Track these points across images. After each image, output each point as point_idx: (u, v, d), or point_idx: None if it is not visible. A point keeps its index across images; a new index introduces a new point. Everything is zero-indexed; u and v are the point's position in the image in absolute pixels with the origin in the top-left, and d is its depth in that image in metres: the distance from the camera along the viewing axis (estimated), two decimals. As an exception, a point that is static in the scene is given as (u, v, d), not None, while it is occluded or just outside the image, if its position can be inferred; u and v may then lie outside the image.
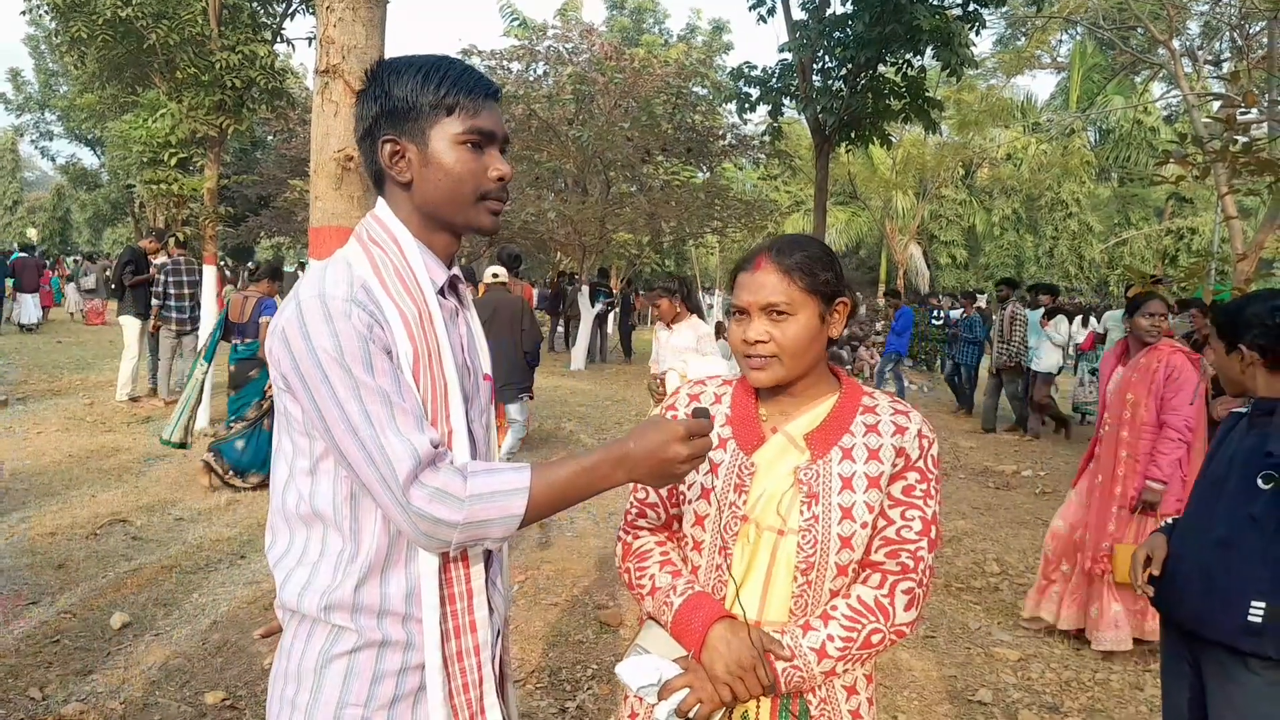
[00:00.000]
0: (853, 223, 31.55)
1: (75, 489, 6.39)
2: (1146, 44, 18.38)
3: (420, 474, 1.24)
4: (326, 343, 1.25)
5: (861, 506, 1.52)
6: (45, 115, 36.70)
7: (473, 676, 1.41)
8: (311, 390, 1.27)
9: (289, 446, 1.39)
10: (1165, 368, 4.35)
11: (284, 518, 1.41)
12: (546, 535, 5.97)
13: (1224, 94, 8.35)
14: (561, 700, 3.70)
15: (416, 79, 1.38)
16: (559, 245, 18.73)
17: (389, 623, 1.36)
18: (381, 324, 1.30)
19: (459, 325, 1.51)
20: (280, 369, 1.31)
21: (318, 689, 1.36)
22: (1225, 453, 2.35)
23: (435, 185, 1.40)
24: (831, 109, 11.24)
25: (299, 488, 1.38)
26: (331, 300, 1.28)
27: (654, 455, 1.29)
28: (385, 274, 1.37)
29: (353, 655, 1.35)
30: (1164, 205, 31.22)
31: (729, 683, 1.46)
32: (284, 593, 1.39)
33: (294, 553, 1.40)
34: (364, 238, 1.43)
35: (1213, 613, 2.18)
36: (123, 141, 10.00)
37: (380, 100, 1.40)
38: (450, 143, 1.38)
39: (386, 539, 1.35)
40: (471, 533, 1.27)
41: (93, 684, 3.64)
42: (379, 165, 1.43)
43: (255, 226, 24.20)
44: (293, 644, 1.40)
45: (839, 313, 1.60)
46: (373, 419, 1.24)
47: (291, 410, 1.35)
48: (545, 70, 17.02)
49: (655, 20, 32.03)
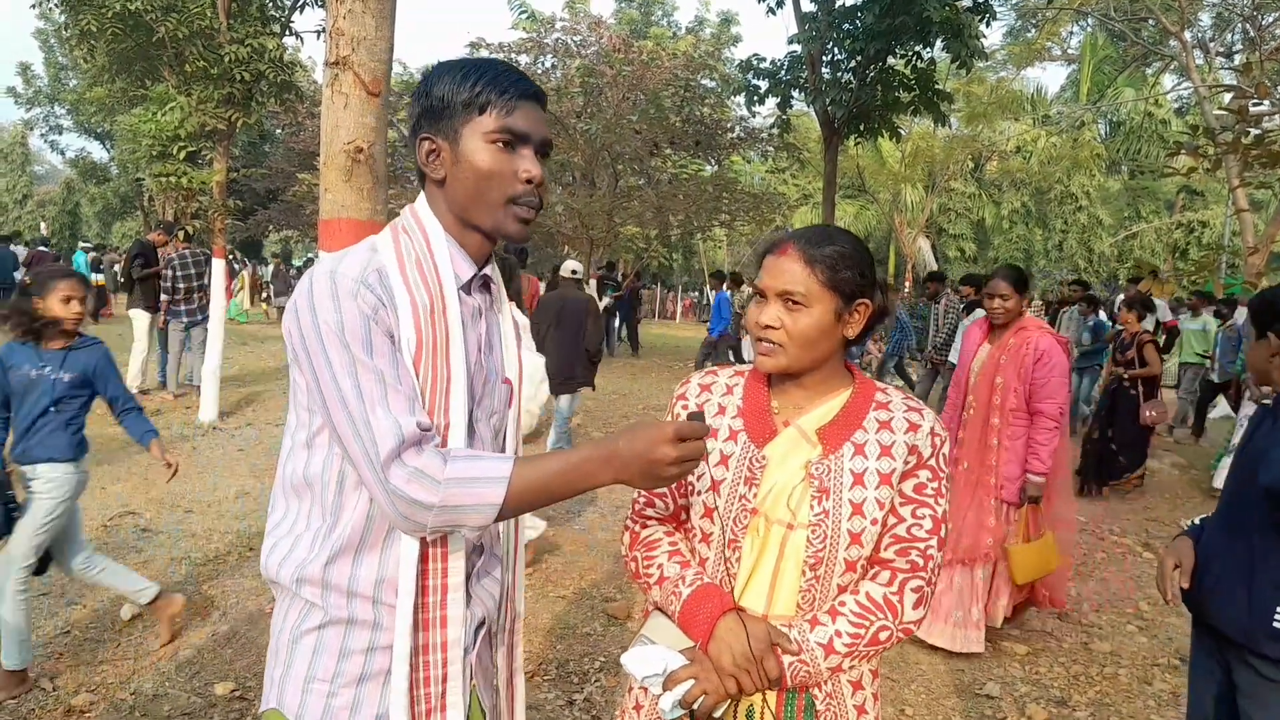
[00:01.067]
0: (861, 216, 31.45)
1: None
2: (1158, 35, 18.28)
3: (402, 453, 1.25)
4: (330, 318, 1.28)
5: (872, 503, 1.51)
6: (55, 109, 36.77)
7: (436, 672, 1.40)
8: (313, 363, 1.30)
9: (293, 420, 1.42)
10: (1034, 351, 4.16)
11: (283, 488, 1.45)
12: (554, 529, 5.98)
13: (1236, 86, 8.29)
14: (569, 693, 3.71)
15: (455, 78, 1.39)
16: (566, 239, 18.72)
17: (358, 602, 1.38)
18: (388, 307, 1.32)
19: (480, 324, 1.51)
20: (290, 341, 1.34)
21: (289, 663, 1.39)
22: (1254, 450, 2.27)
23: (463, 183, 1.40)
24: (840, 101, 11.21)
25: (296, 459, 1.41)
26: (341, 278, 1.30)
27: (642, 456, 1.27)
28: (407, 262, 1.39)
29: (320, 631, 1.38)
30: (1175, 198, 31.06)
31: (735, 675, 1.45)
32: (267, 562, 1.43)
33: (285, 524, 1.43)
34: (398, 227, 1.45)
35: (1240, 616, 2.12)
36: (132, 135, 9.98)
37: (422, 99, 1.42)
38: (481, 141, 1.38)
39: (365, 520, 1.36)
40: (447, 517, 1.26)
41: (103, 675, 3.66)
42: (417, 162, 1.45)
43: (264, 220, 24.27)
44: (275, 620, 1.45)
45: (859, 313, 1.57)
46: (364, 395, 1.26)
47: (299, 382, 1.37)
48: (553, 63, 16.99)
49: (663, 12, 31.93)
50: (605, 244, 16.83)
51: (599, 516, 6.30)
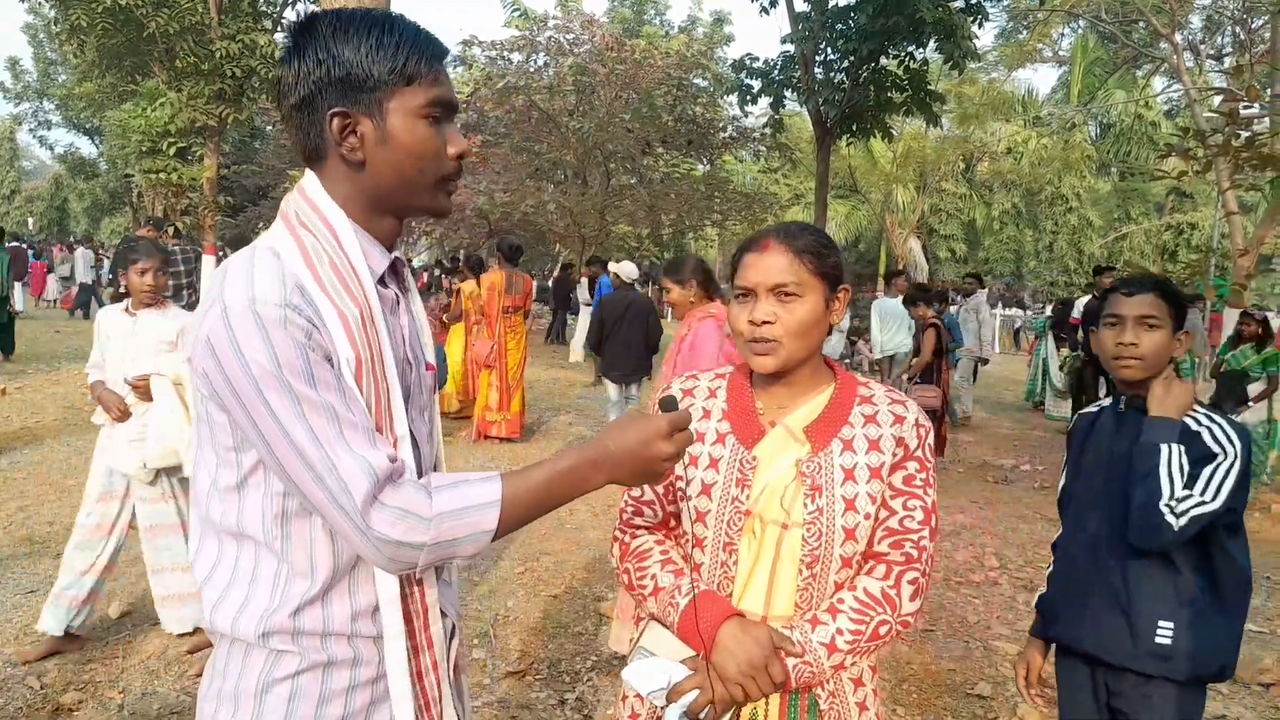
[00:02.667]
0: (853, 216, 31.51)
1: (73, 478, 6.37)
2: (1148, 38, 18.36)
3: (379, 494, 1.13)
4: (260, 356, 1.12)
5: (864, 498, 1.51)
6: (43, 104, 36.63)
7: (433, 694, 1.34)
8: (248, 408, 1.13)
9: (211, 458, 1.25)
10: (692, 335, 4.09)
11: (209, 532, 1.29)
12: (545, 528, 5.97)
13: (1226, 88, 8.33)
14: (561, 692, 3.70)
15: (369, 41, 1.21)
16: (558, 237, 18.69)
17: (334, 642, 1.26)
18: (319, 327, 1.16)
19: (400, 317, 1.37)
20: (210, 382, 1.17)
21: (259, 713, 1.25)
22: (1096, 458, 2.21)
23: (393, 166, 1.25)
24: (833, 101, 11.23)
25: (224, 503, 1.25)
26: (263, 305, 1.13)
27: (635, 454, 1.22)
28: (320, 266, 1.21)
29: (296, 678, 1.25)
30: (1164, 200, 31.23)
31: (741, 683, 1.44)
32: (216, 617, 1.26)
33: (222, 572, 1.27)
34: (292, 220, 1.27)
35: (1122, 643, 2.06)
36: (121, 130, 9.94)
37: (326, 64, 1.21)
38: (410, 117, 1.24)
39: (329, 561, 1.24)
40: (440, 553, 1.17)
41: (91, 673, 3.63)
42: (319, 140, 1.26)
43: (254, 217, 24.18)
44: (227, 665, 1.28)
45: (840, 299, 1.59)
46: (319, 437, 1.12)
47: (216, 419, 1.21)
48: (546, 61, 16.95)
49: (656, 11, 31.94)
50: (597, 242, 16.80)
51: (590, 515, 6.29)
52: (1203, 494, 1.94)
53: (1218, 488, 1.94)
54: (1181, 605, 2.02)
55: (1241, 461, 1.97)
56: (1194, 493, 1.94)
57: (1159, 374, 2.10)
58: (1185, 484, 1.95)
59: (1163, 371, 2.10)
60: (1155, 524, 1.94)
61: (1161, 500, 1.94)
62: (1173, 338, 2.10)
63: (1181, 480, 1.96)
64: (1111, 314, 2.14)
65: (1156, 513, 1.94)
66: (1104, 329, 2.17)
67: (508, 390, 8.58)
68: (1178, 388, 2.06)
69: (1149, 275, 2.16)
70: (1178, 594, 2.03)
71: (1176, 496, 1.94)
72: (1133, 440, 2.07)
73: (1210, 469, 1.96)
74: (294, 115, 1.27)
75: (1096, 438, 2.24)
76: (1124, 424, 2.16)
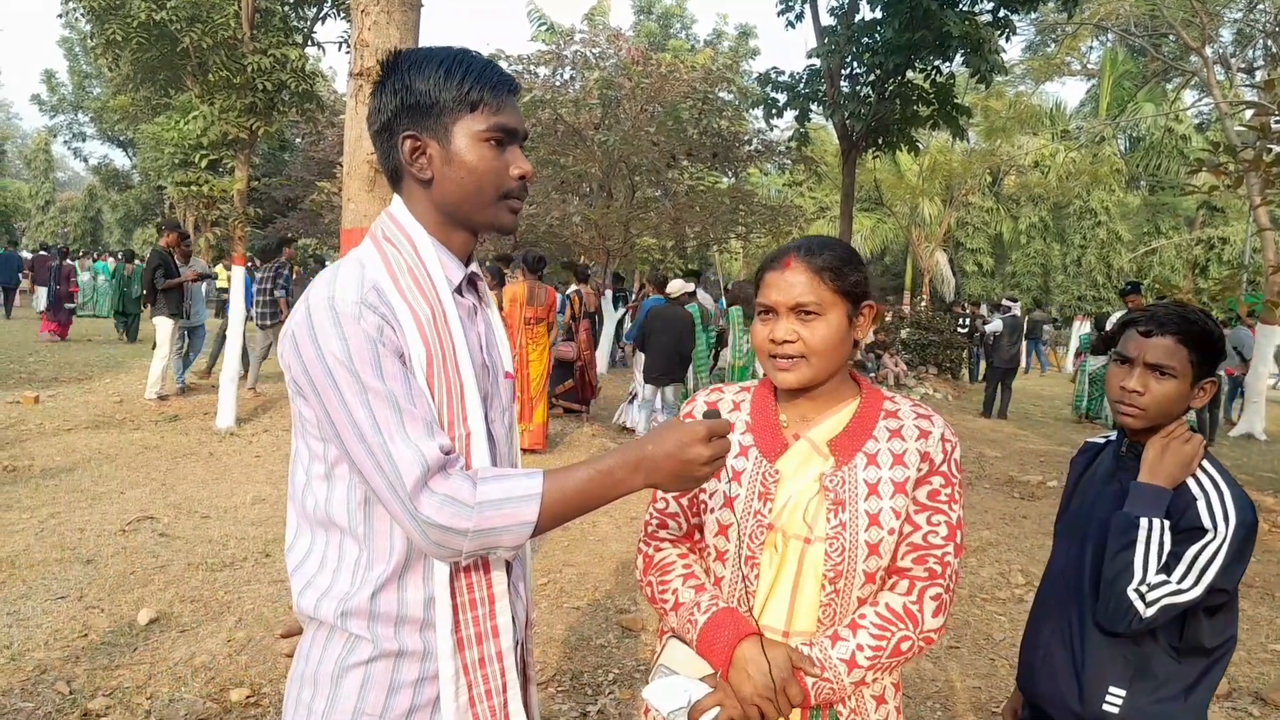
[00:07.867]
0: (878, 229, 31.42)
1: (103, 486, 6.47)
2: (1179, 51, 18.19)
3: (429, 481, 1.21)
4: (335, 346, 1.23)
5: (889, 513, 1.50)
6: (78, 117, 37.29)
7: (495, 683, 1.38)
8: (321, 395, 1.25)
9: (305, 451, 1.37)
10: None
11: (304, 522, 1.40)
12: (569, 539, 5.98)
13: (1257, 102, 8.24)
14: (583, 704, 3.70)
15: (439, 73, 1.34)
16: (583, 249, 18.77)
17: (406, 632, 1.34)
18: (393, 325, 1.27)
19: (477, 323, 1.48)
20: (292, 374, 1.29)
21: (334, 697, 1.34)
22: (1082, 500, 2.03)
23: (457, 184, 1.37)
24: (859, 115, 11.22)
25: (315, 493, 1.36)
26: (340, 303, 1.25)
27: (673, 458, 1.26)
28: (399, 274, 1.34)
29: (369, 665, 1.33)
30: (1195, 214, 30.85)
31: (757, 704, 1.43)
32: (302, 600, 1.37)
33: (314, 558, 1.38)
34: (379, 236, 1.40)
35: (1069, 698, 1.89)
36: (155, 143, 10.15)
37: (401, 94, 1.35)
38: (473, 140, 1.35)
39: (404, 545, 1.32)
40: (482, 540, 1.23)
41: (119, 679, 3.67)
42: (397, 161, 1.39)
43: (283, 228, 24.45)
44: (310, 648, 1.39)
45: (865, 316, 1.58)
46: (380, 425, 1.22)
47: (305, 415, 1.33)
48: (572, 75, 17.08)
49: (682, 25, 32.09)
50: (621, 254, 16.87)
51: (614, 528, 6.29)
52: (1180, 580, 1.72)
53: (1199, 573, 1.71)
54: (1139, 674, 1.82)
55: (1233, 541, 1.72)
56: (1171, 579, 1.73)
57: (1167, 424, 1.86)
58: (1163, 566, 1.74)
59: (1173, 423, 1.86)
60: (1123, 608, 1.75)
61: (1130, 585, 1.74)
62: (1190, 389, 1.84)
63: (1158, 562, 1.75)
64: (1120, 353, 1.90)
65: (1124, 597, 1.75)
66: (1112, 365, 1.94)
67: (530, 401, 8.61)
68: (1177, 450, 1.82)
69: (1177, 310, 1.85)
70: (1137, 660, 1.82)
71: (1149, 583, 1.73)
72: (1119, 494, 1.87)
73: (1195, 550, 1.73)
74: (377, 140, 1.42)
75: (1093, 474, 2.05)
76: (1121, 467, 1.95)
